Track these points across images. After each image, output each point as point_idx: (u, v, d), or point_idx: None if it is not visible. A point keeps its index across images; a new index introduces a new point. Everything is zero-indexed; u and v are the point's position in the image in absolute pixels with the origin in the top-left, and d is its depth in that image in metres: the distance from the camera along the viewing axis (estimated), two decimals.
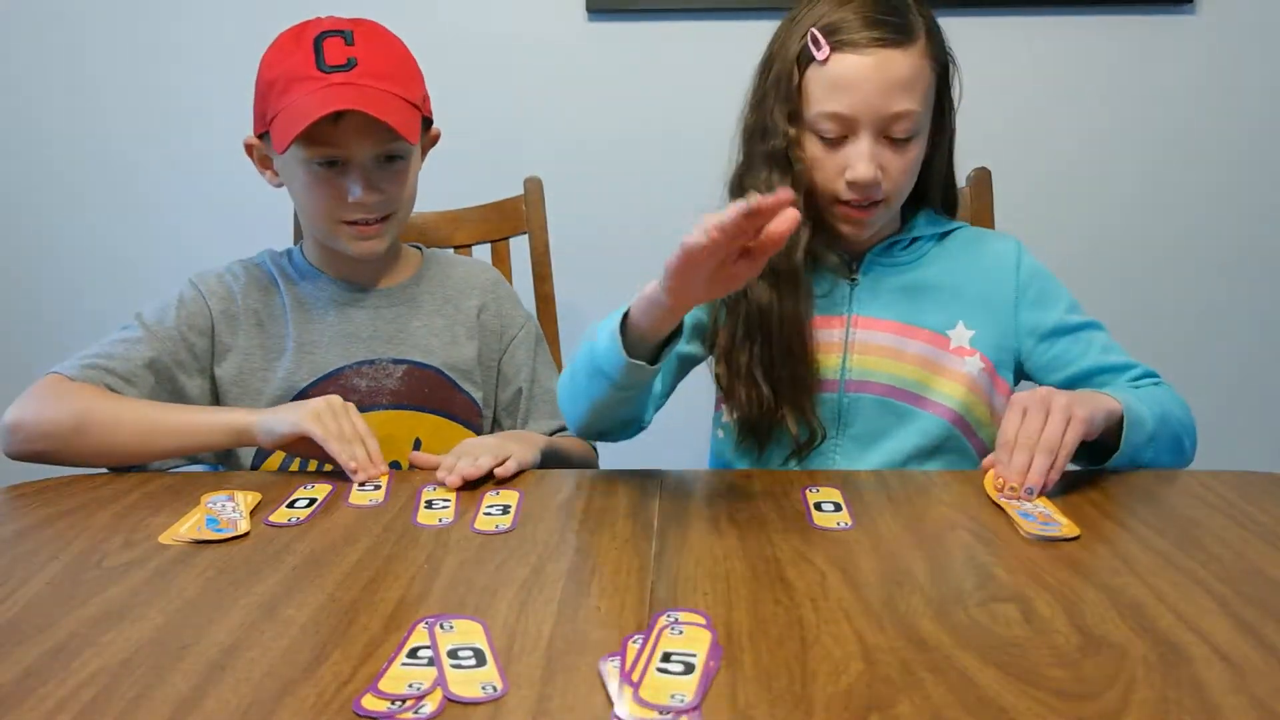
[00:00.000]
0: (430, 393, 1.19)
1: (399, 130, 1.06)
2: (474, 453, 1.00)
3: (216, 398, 1.16)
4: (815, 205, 1.11)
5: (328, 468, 1.04)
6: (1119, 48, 1.73)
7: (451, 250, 1.43)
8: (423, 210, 1.49)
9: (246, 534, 0.85)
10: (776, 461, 1.15)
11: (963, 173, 1.41)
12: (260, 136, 1.13)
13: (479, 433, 1.24)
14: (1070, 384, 1.12)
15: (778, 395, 1.10)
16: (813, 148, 1.08)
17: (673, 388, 1.17)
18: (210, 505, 0.91)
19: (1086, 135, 1.77)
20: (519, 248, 1.51)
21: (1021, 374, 1.18)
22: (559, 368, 1.33)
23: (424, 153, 1.21)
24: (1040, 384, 1.14)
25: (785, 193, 0.78)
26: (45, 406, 1.02)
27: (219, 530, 0.85)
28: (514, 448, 1.03)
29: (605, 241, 1.80)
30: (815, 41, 1.05)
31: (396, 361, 1.19)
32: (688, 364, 1.18)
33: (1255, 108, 1.75)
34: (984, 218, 1.40)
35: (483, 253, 1.49)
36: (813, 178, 1.09)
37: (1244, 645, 0.64)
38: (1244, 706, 0.57)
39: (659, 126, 1.78)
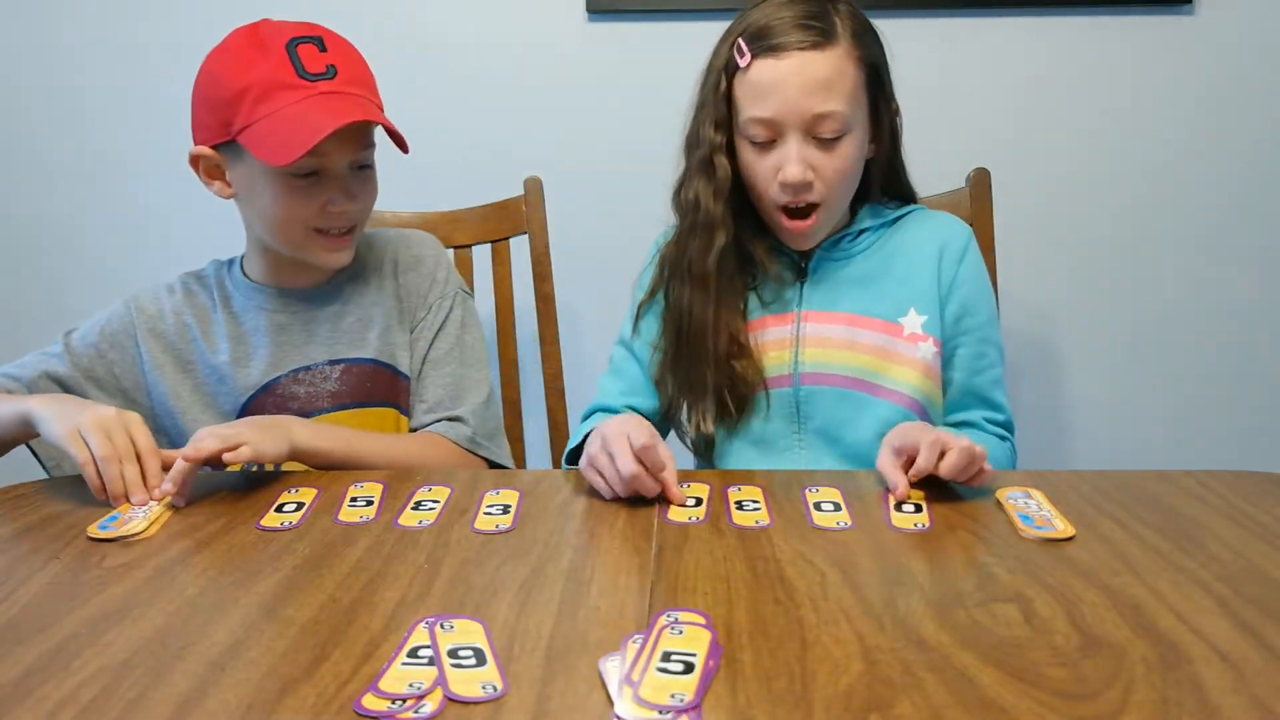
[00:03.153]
0: (373, 387, 1.17)
1: (395, 136, 1.05)
2: (197, 438, 0.96)
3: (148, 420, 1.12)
4: (753, 210, 1.15)
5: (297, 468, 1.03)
6: (1118, 48, 1.73)
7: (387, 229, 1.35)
8: (423, 210, 1.49)
9: (140, 535, 0.86)
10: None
11: (962, 173, 1.41)
12: (215, 147, 1.08)
13: None
14: (945, 385, 1.15)
15: (683, 396, 1.15)
16: (746, 153, 1.11)
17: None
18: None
19: (1085, 135, 1.76)
20: (519, 248, 1.51)
21: None
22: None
23: None
24: None
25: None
26: None
27: (105, 529, 0.86)
28: (251, 434, 0.97)
29: (605, 241, 1.80)
30: (739, 49, 1.09)
31: (332, 362, 1.17)
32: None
33: (1254, 107, 1.75)
34: (984, 218, 1.40)
35: (483, 253, 1.49)
36: (751, 184, 1.12)
37: (1244, 645, 0.64)
38: (1244, 706, 0.57)
39: (659, 127, 1.76)
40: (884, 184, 1.20)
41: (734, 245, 1.14)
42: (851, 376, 1.12)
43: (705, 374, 1.13)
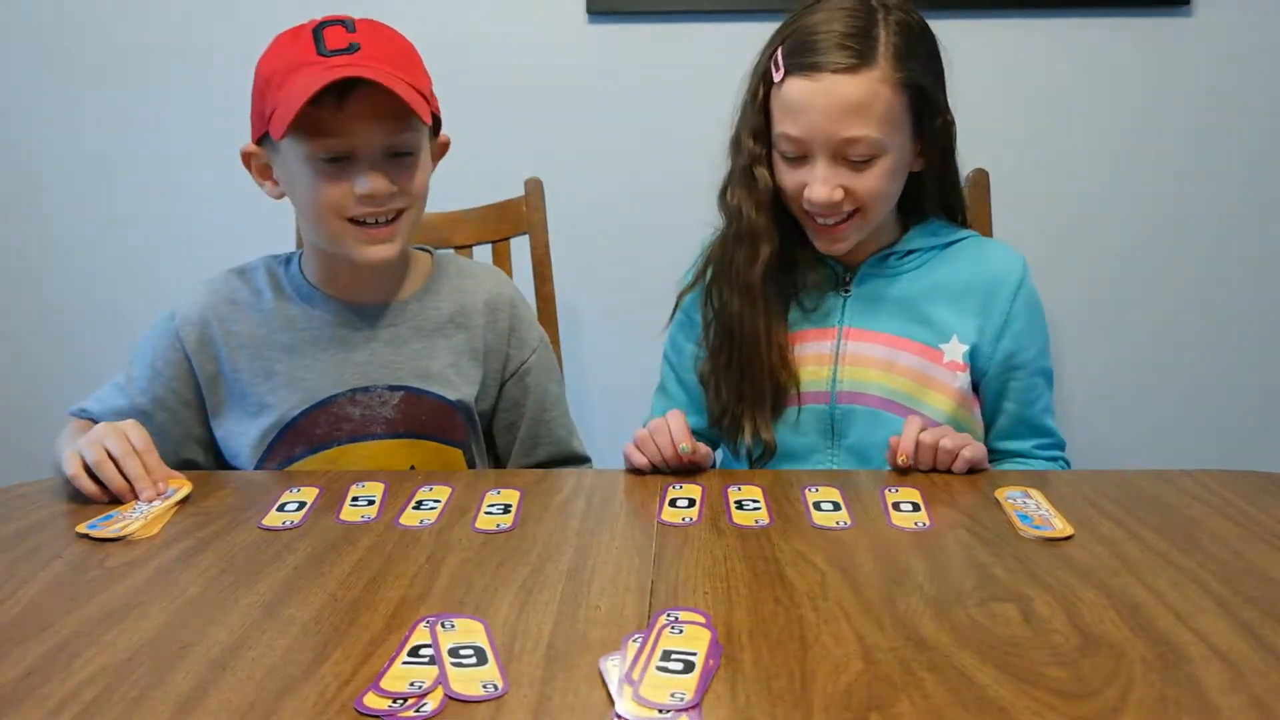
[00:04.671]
0: (428, 419, 1.13)
1: (408, 102, 0.98)
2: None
3: (214, 430, 1.14)
4: (792, 218, 1.13)
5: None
6: (1116, 48, 1.73)
7: (454, 252, 1.40)
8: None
9: (132, 534, 0.85)
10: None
11: (962, 173, 1.41)
12: (259, 142, 1.06)
13: (477, 456, 1.19)
14: (995, 414, 1.17)
15: (738, 404, 1.14)
16: (780, 163, 1.10)
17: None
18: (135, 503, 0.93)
19: (1084, 135, 1.77)
20: (519, 248, 1.51)
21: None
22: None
23: (435, 162, 1.14)
24: (980, 399, 1.18)
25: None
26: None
27: (93, 528, 0.86)
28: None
29: (605, 241, 1.80)
30: (775, 63, 1.07)
31: (393, 388, 1.12)
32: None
33: (1252, 108, 1.75)
34: (982, 218, 1.40)
35: (483, 253, 1.49)
36: (781, 190, 1.11)
37: (1242, 645, 0.64)
38: (1242, 706, 0.57)
39: (659, 126, 1.78)
40: (943, 199, 1.17)
41: (778, 252, 1.13)
42: (887, 398, 1.12)
43: (763, 385, 1.13)
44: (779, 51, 1.07)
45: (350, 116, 1.00)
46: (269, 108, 1.01)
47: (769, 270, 1.12)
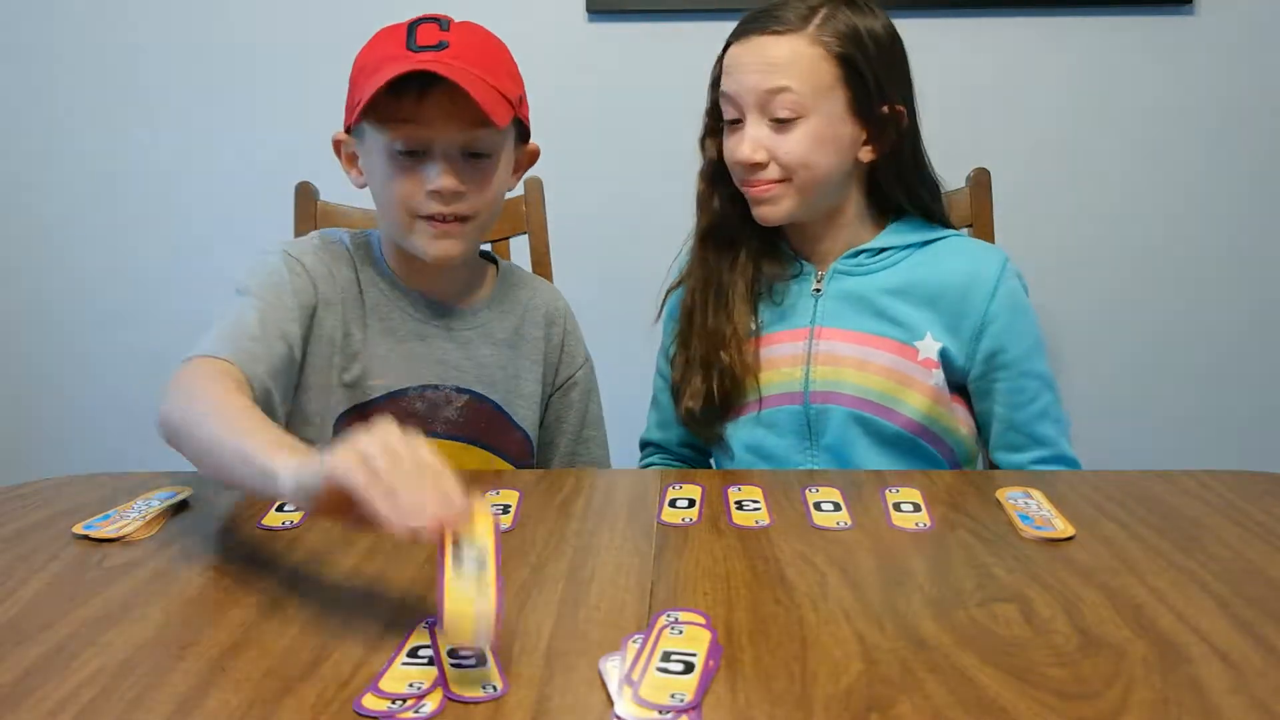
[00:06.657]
0: (486, 427, 1.14)
1: (483, 106, 0.97)
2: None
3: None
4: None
5: None
6: (1118, 48, 1.73)
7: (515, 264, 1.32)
8: None
9: (122, 539, 0.84)
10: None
11: (962, 173, 1.41)
12: (350, 130, 1.07)
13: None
14: (988, 419, 1.16)
15: (684, 371, 1.18)
16: (725, 135, 1.15)
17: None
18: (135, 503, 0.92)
19: (1085, 135, 1.77)
20: (519, 248, 1.50)
21: (964, 392, 1.17)
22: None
23: (520, 170, 1.15)
24: (973, 405, 1.17)
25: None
26: (167, 401, 0.88)
27: (91, 528, 0.85)
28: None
29: (605, 241, 1.80)
30: (726, 43, 1.14)
31: (459, 390, 1.13)
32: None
33: (1255, 107, 1.75)
34: (983, 218, 1.40)
35: None
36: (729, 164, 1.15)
37: (1243, 645, 0.64)
38: (1243, 706, 0.57)
39: (659, 126, 1.77)
40: (905, 194, 1.16)
41: (719, 225, 1.17)
42: (862, 398, 1.11)
43: (695, 350, 1.17)
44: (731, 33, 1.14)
45: (429, 109, 1.00)
46: (357, 96, 1.03)
47: (705, 240, 1.18)
